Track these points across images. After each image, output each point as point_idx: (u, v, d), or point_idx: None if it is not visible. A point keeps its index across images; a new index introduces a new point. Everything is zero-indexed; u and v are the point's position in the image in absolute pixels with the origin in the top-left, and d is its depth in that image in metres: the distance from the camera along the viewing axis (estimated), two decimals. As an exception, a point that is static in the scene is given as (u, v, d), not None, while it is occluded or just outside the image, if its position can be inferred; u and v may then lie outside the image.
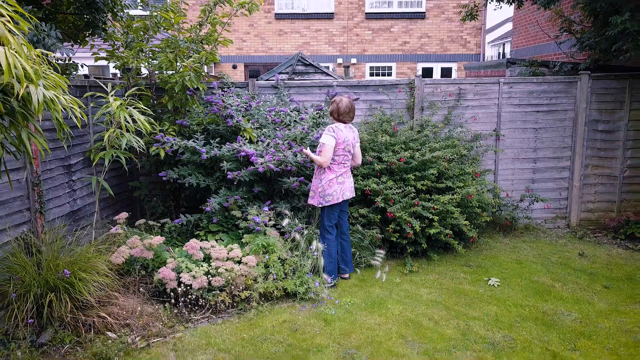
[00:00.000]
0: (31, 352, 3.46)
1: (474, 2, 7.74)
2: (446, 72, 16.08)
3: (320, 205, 4.65)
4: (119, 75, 7.04)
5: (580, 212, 6.56)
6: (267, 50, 16.09)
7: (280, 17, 15.80)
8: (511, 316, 4.16)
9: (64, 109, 2.87)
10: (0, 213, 3.97)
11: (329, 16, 15.83)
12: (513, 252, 5.73)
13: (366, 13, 15.75)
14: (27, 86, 2.54)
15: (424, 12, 15.67)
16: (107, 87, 4.29)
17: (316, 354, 3.55)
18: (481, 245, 5.88)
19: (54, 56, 5.19)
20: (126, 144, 4.12)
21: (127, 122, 3.76)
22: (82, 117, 3.14)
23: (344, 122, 4.62)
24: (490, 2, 7.31)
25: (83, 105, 3.28)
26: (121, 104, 3.81)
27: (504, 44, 31.76)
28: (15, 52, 2.23)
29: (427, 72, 16.00)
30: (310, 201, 4.71)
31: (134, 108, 3.94)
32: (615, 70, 6.61)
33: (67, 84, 2.80)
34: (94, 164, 4.58)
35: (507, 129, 6.43)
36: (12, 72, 2.15)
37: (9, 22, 2.33)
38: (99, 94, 4.47)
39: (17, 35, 2.33)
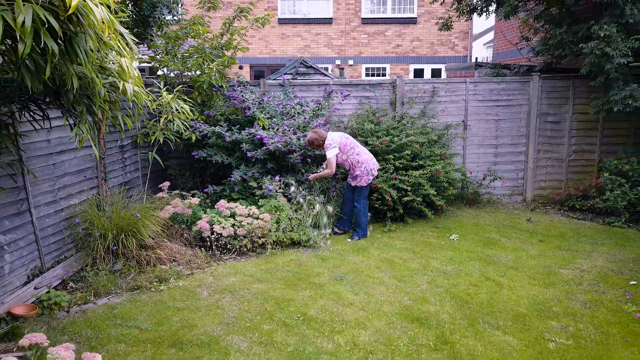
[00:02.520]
0: (110, 274, 4.83)
1: (448, 14, 9.07)
2: (436, 73, 17.42)
3: (368, 183, 6.02)
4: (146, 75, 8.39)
5: (534, 189, 7.93)
6: (270, 52, 17.45)
7: (283, 21, 17.15)
8: (462, 257, 5.53)
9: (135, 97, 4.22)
10: (81, 178, 5.35)
11: (328, 21, 17.18)
12: (474, 218, 7.09)
13: (362, 18, 17.10)
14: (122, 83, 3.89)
15: (416, 18, 17.02)
16: (160, 84, 5.64)
17: (315, 277, 4.92)
18: (449, 214, 7.25)
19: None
20: (173, 128, 5.48)
21: (177, 110, 5.10)
22: (153, 105, 4.50)
23: (325, 137, 5.96)
24: (462, 15, 8.67)
25: (154, 97, 4.63)
26: (173, 96, 5.16)
27: (496, 46, 33.17)
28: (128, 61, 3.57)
29: (419, 73, 17.35)
30: (361, 184, 6.02)
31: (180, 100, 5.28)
32: (564, 72, 7.97)
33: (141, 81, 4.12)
34: (151, 142, 5.95)
35: (473, 120, 7.79)
36: (129, 75, 3.50)
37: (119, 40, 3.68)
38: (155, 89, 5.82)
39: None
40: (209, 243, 5.54)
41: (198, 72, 6.78)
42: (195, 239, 5.63)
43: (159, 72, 7.12)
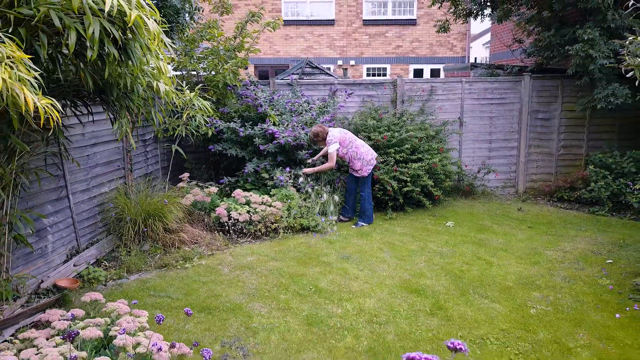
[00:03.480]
0: (140, 254, 5.37)
1: (446, 17, 9.62)
2: (435, 73, 17.96)
3: (367, 173, 6.56)
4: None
5: (525, 182, 8.48)
6: (275, 53, 17.99)
7: (286, 23, 17.67)
8: (457, 241, 6.07)
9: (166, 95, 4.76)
10: (111, 169, 5.90)
11: (330, 22, 17.73)
12: (469, 208, 7.64)
13: (363, 20, 17.65)
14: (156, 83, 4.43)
15: (415, 19, 17.57)
16: (183, 84, 6.17)
17: (323, 256, 5.47)
18: (446, 204, 7.79)
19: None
20: (193, 124, 6.02)
21: (199, 107, 5.64)
22: (179, 102, 5.03)
23: (327, 132, 6.51)
24: (458, 18, 9.21)
25: (179, 94, 5.16)
26: (194, 94, 5.70)
27: (495, 46, 33.75)
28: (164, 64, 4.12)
29: (418, 73, 17.89)
30: (359, 174, 6.59)
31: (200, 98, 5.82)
32: (554, 73, 8.51)
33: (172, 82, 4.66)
34: (174, 136, 6.49)
35: (469, 117, 8.33)
36: (166, 76, 4.04)
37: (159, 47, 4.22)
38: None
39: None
40: (227, 227, 6.09)
41: (213, 72, 7.33)
42: (214, 224, 6.17)
43: (177, 73, 7.65)
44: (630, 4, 4.63)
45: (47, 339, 2.88)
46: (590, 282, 4.87)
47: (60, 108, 2.85)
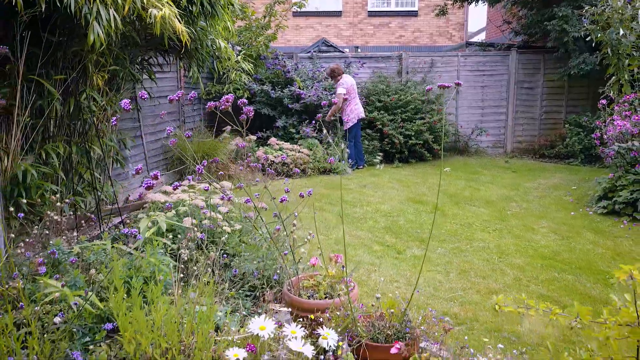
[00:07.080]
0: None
1: (444, 3, 10.96)
2: (435, 61, 19.28)
3: (347, 128, 7.89)
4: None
5: (513, 143, 9.82)
6: (286, 42, 19.31)
7: (296, 14, 18.95)
8: (452, 178, 7.42)
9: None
10: (170, 119, 7.25)
11: (337, 14, 19.07)
12: (464, 161, 8.99)
13: (368, 11, 18.99)
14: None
15: (417, 11, 18.91)
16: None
17: (345, 185, 6.82)
18: (444, 158, 9.14)
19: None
20: (238, 82, 7.37)
21: (243, 70, 6.97)
22: (233, 58, 6.38)
23: (341, 73, 7.84)
24: (456, 2, 10.55)
25: (237, 57, 6.49)
26: (240, 57, 7.04)
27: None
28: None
29: (419, 61, 19.23)
30: (346, 127, 7.94)
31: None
32: (537, 48, 9.85)
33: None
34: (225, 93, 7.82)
35: (464, 87, 9.66)
36: (232, 34, 5.37)
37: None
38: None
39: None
40: (265, 167, 7.43)
41: (247, 45, 8.67)
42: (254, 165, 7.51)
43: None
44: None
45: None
46: (556, 198, 6.23)
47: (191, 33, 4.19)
